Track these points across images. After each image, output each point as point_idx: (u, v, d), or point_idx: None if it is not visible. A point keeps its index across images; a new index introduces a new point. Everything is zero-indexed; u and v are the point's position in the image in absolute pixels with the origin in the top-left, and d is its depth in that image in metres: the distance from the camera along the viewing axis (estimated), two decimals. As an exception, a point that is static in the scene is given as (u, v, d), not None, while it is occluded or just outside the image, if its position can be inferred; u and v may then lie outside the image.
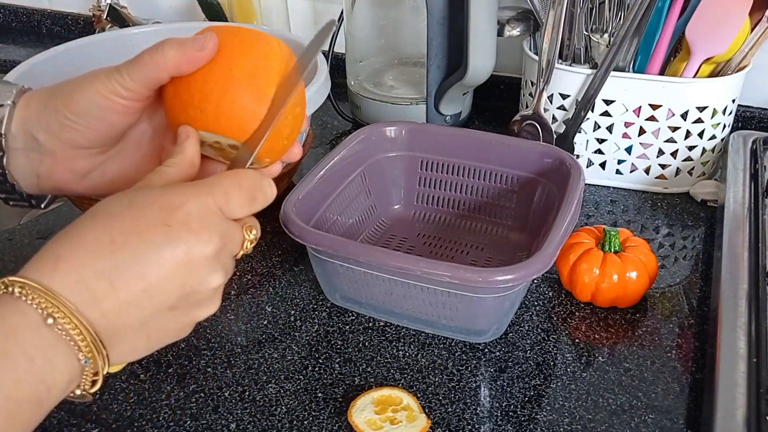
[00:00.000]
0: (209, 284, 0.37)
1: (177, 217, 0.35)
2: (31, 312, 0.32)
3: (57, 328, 0.32)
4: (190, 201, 0.35)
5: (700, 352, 0.60)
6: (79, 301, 0.33)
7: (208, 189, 0.36)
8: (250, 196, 0.38)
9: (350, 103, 0.98)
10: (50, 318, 0.32)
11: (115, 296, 0.33)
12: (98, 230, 0.34)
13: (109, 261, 0.33)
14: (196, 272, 0.36)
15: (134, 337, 0.35)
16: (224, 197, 0.37)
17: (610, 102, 0.78)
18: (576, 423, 0.53)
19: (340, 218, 0.70)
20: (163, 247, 0.34)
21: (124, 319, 0.34)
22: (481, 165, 0.73)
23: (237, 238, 0.38)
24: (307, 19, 1.11)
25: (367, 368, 0.59)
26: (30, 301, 0.32)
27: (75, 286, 0.33)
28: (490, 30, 0.82)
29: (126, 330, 0.35)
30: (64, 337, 0.32)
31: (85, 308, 0.33)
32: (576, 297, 0.65)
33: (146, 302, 0.34)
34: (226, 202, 0.37)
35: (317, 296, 0.67)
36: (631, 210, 0.80)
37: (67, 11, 1.29)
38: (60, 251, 0.33)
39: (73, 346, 0.33)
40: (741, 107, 0.89)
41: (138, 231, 0.34)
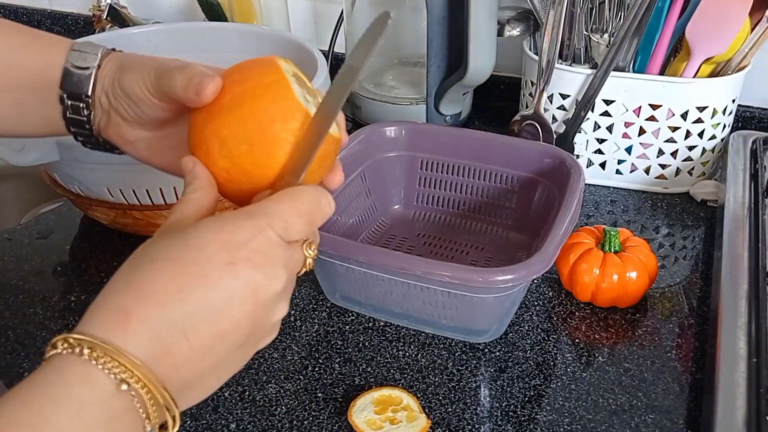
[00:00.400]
0: (276, 317, 0.36)
1: (240, 255, 0.33)
2: (102, 381, 0.29)
3: (131, 394, 0.30)
4: (250, 236, 0.34)
5: (700, 352, 0.60)
6: (152, 360, 0.31)
7: (267, 220, 0.34)
8: (310, 219, 0.36)
9: (350, 103, 0.98)
10: (124, 384, 0.30)
11: (188, 346, 0.32)
12: (163, 279, 0.32)
13: (179, 311, 0.31)
14: (266, 308, 0.34)
15: (206, 382, 0.34)
16: (283, 225, 0.35)
17: (610, 102, 0.78)
18: (576, 423, 0.53)
19: (340, 218, 0.70)
20: (233, 289, 0.33)
21: (197, 368, 0.32)
22: (481, 165, 0.73)
23: (299, 260, 0.37)
24: (307, 19, 1.11)
25: (367, 368, 0.59)
26: (101, 365, 0.29)
27: (149, 345, 0.31)
28: (490, 30, 0.82)
29: (198, 377, 0.33)
30: (135, 404, 0.30)
31: (157, 365, 0.31)
32: (576, 297, 0.65)
33: (218, 347, 0.33)
34: (286, 230, 0.35)
35: (317, 296, 0.67)
36: (631, 210, 0.80)
37: (67, 11, 1.29)
38: (127, 306, 0.31)
39: (142, 413, 0.30)
40: (741, 107, 0.89)
41: (204, 275, 0.32)
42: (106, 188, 0.68)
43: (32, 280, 0.70)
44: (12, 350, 0.61)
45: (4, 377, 0.58)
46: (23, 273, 0.71)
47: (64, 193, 0.72)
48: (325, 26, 1.09)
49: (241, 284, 0.33)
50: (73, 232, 0.78)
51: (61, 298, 0.68)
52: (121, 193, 0.68)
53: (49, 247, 0.75)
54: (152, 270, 0.32)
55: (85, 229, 0.79)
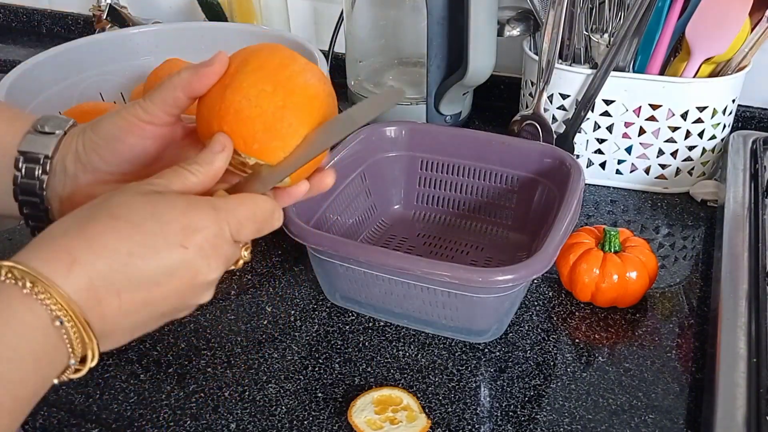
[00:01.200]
0: (200, 300, 0.40)
1: (194, 241, 0.37)
2: (41, 312, 0.33)
3: (62, 332, 0.33)
4: (209, 227, 0.37)
5: (700, 352, 0.60)
6: (84, 304, 0.34)
7: (226, 216, 0.38)
8: (260, 228, 0.40)
9: (350, 103, 0.98)
10: (58, 321, 0.33)
11: (118, 304, 0.35)
12: (117, 238, 0.35)
13: (122, 272, 0.35)
14: (195, 291, 0.38)
15: (121, 336, 0.37)
16: (237, 226, 0.39)
17: (610, 102, 0.78)
18: (576, 423, 0.53)
19: (340, 218, 0.70)
20: (175, 269, 0.36)
21: (119, 323, 0.36)
22: (481, 165, 0.73)
23: (235, 258, 0.41)
24: (307, 19, 1.11)
25: (367, 368, 0.59)
26: (42, 299, 0.33)
27: (85, 292, 0.34)
28: (490, 30, 0.82)
29: (118, 331, 0.36)
30: (64, 338, 0.34)
31: (88, 310, 0.34)
32: (576, 297, 0.65)
33: (143, 312, 0.37)
34: (238, 231, 0.39)
35: (317, 296, 0.67)
36: (631, 210, 0.80)
37: (67, 11, 1.29)
38: (75, 252, 0.34)
39: (69, 348, 0.34)
40: (741, 107, 0.89)
41: (156, 247, 0.35)
42: (106, 188, 0.68)
43: (32, 280, 0.70)
44: (12, 350, 0.61)
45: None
46: (23, 273, 0.71)
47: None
48: (325, 26, 1.09)
49: (184, 266, 0.36)
50: (73, 232, 0.78)
51: (61, 298, 0.68)
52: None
53: (49, 247, 0.75)
54: (109, 226, 0.35)
55: (85, 229, 0.78)
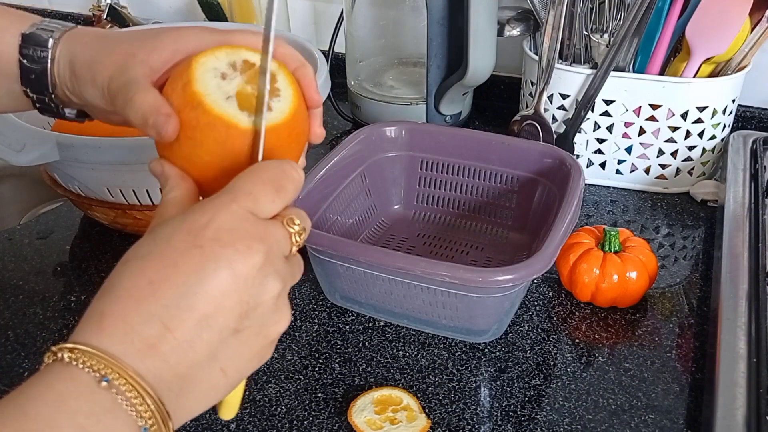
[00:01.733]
0: (267, 294, 0.34)
1: (207, 236, 0.32)
2: (82, 376, 0.29)
3: (113, 391, 0.29)
4: (215, 215, 0.33)
5: (700, 352, 0.60)
6: (133, 353, 0.30)
7: (230, 196, 0.33)
8: (277, 187, 0.35)
9: (350, 103, 0.98)
10: (104, 379, 0.29)
11: (171, 336, 0.31)
12: (133, 276, 0.32)
13: (154, 303, 0.31)
14: (248, 286, 0.33)
15: (208, 376, 0.33)
16: (249, 198, 0.34)
17: (610, 102, 0.78)
18: (576, 423, 0.53)
19: (340, 218, 0.70)
20: (203, 271, 0.31)
21: (189, 358, 0.31)
22: (481, 165, 0.73)
23: (280, 235, 0.35)
24: (307, 19, 1.11)
25: (367, 368, 0.59)
26: (81, 364, 0.29)
27: (125, 339, 0.30)
28: (490, 30, 0.82)
29: (195, 370, 0.32)
30: (120, 401, 0.29)
31: (142, 360, 0.30)
32: (576, 297, 0.65)
33: (206, 333, 0.32)
34: (254, 202, 0.34)
35: (317, 296, 0.67)
36: (631, 210, 0.80)
37: (67, 11, 1.29)
38: (103, 308, 0.31)
39: (131, 411, 0.30)
40: (741, 107, 0.89)
41: (173, 263, 0.31)
42: (106, 188, 0.68)
43: (32, 280, 0.70)
44: (12, 350, 0.61)
45: (4, 377, 0.58)
46: (23, 273, 0.71)
47: (64, 193, 0.72)
48: (325, 26, 1.09)
49: (211, 265, 0.32)
50: (73, 232, 0.78)
51: (60, 298, 0.68)
52: (121, 193, 0.68)
53: (49, 247, 0.75)
54: (123, 271, 0.32)
55: (85, 229, 0.79)
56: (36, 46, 0.43)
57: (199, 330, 0.31)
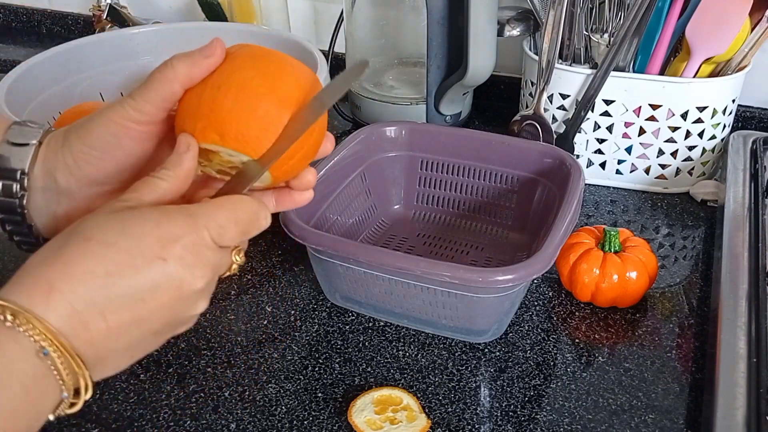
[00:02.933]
0: (195, 311, 0.38)
1: (173, 252, 0.35)
2: (25, 342, 0.32)
3: (48, 361, 0.32)
4: (186, 235, 0.35)
5: (700, 352, 0.60)
6: (70, 332, 0.33)
7: (204, 222, 0.36)
8: (244, 231, 0.38)
9: (350, 103, 0.98)
10: (42, 351, 0.32)
11: (105, 326, 0.34)
12: (92, 260, 0.34)
13: (102, 293, 0.33)
14: (186, 303, 0.36)
15: (118, 359, 0.36)
16: (219, 231, 0.37)
17: (610, 102, 0.78)
18: (576, 423, 0.53)
19: (340, 218, 0.70)
20: (158, 283, 0.35)
21: (111, 346, 0.35)
22: (481, 165, 0.73)
23: (226, 264, 0.39)
24: (307, 19, 1.11)
25: (367, 368, 0.59)
26: (24, 330, 0.32)
27: (68, 319, 0.33)
28: (490, 30, 0.82)
29: (112, 354, 0.35)
30: (51, 369, 0.33)
31: (74, 337, 0.33)
32: (576, 297, 0.65)
33: (135, 331, 0.35)
34: (220, 236, 0.37)
35: (317, 296, 0.67)
36: (631, 210, 0.80)
37: (67, 11, 1.29)
38: (52, 280, 0.33)
39: (58, 378, 0.33)
40: (741, 107, 0.89)
41: (134, 264, 0.34)
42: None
43: (32, 280, 0.70)
44: (12, 350, 0.61)
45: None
46: (23, 273, 0.71)
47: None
48: (325, 26, 1.09)
49: (166, 279, 0.35)
50: (73, 232, 0.78)
51: (61, 298, 0.68)
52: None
53: (49, 247, 0.75)
54: (83, 249, 0.34)
55: (85, 229, 0.78)
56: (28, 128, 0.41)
57: (129, 328, 0.35)
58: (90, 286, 0.33)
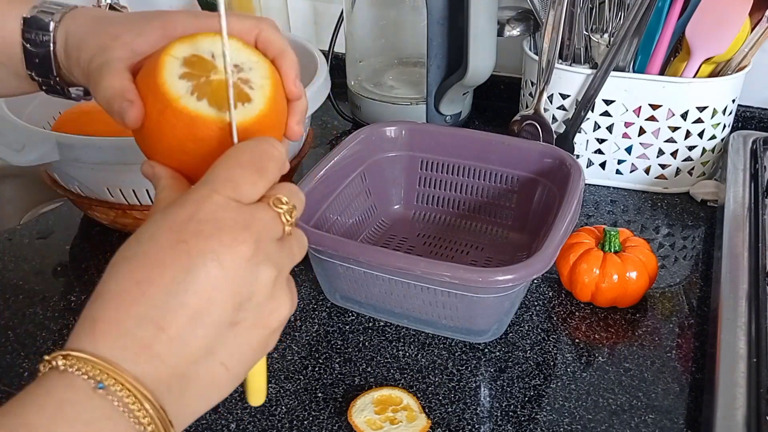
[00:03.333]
0: (260, 283, 0.32)
1: (190, 230, 0.31)
2: (78, 383, 0.29)
3: (109, 397, 0.29)
4: (197, 208, 0.32)
5: (700, 352, 0.60)
6: (128, 357, 0.29)
7: (209, 186, 0.32)
8: (257, 168, 0.34)
9: (350, 103, 0.98)
10: (99, 385, 0.29)
11: (165, 336, 0.30)
12: (121, 279, 0.31)
13: (144, 304, 0.30)
14: (238, 277, 0.31)
15: (208, 372, 0.32)
16: (229, 185, 0.32)
17: (610, 102, 0.78)
18: (576, 423, 0.53)
19: (340, 218, 0.70)
20: (190, 267, 0.31)
21: (186, 356, 0.31)
22: (481, 165, 0.73)
23: (268, 218, 0.33)
24: (307, 19, 1.11)
25: (367, 368, 0.59)
26: (75, 371, 0.29)
27: (119, 343, 0.30)
28: (490, 30, 0.82)
29: (193, 367, 0.31)
30: (117, 406, 0.29)
31: (137, 363, 0.30)
32: (576, 297, 0.65)
33: (201, 329, 0.31)
34: (235, 189, 0.33)
35: (317, 296, 0.67)
36: (631, 210, 0.80)
37: (67, 11, 1.29)
38: (94, 314, 0.30)
39: (129, 417, 0.29)
40: (741, 107, 0.89)
41: (159, 262, 0.31)
42: (106, 188, 0.68)
43: (32, 280, 0.70)
44: (12, 350, 0.61)
45: (4, 377, 0.58)
46: (23, 273, 0.71)
47: (64, 193, 0.72)
48: (325, 26, 1.09)
49: (198, 259, 0.31)
50: (73, 232, 0.78)
51: (61, 298, 0.68)
52: (121, 193, 0.68)
53: (49, 247, 0.75)
54: (111, 274, 0.32)
55: (85, 229, 0.79)
56: (38, 30, 0.42)
57: (193, 326, 0.31)
58: (130, 303, 0.30)
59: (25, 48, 0.43)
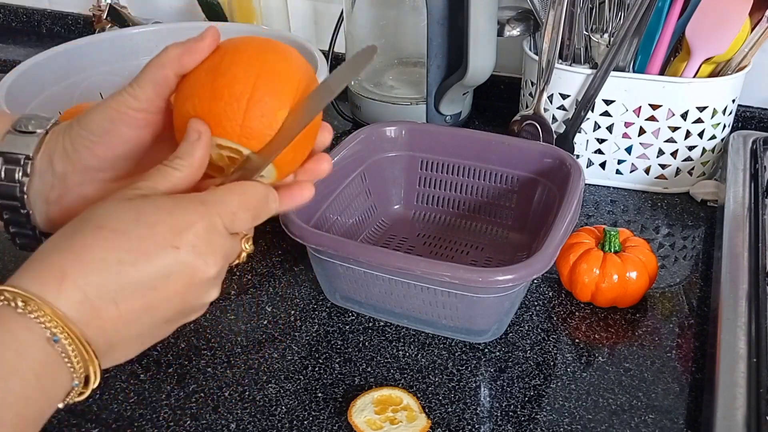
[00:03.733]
0: (206, 299, 0.38)
1: (186, 239, 0.35)
2: (37, 329, 0.32)
3: (59, 348, 0.32)
4: (198, 222, 0.35)
5: (700, 352, 0.60)
6: (81, 319, 0.33)
7: (217, 209, 0.36)
8: (255, 215, 0.38)
9: (350, 103, 0.98)
10: (54, 337, 0.32)
11: (117, 314, 0.34)
12: (105, 248, 0.34)
13: (115, 281, 0.34)
14: (198, 291, 0.37)
15: (129, 347, 0.36)
16: (230, 217, 0.37)
17: (610, 102, 0.78)
18: (576, 423, 0.53)
19: (340, 218, 0.70)
20: (170, 271, 0.35)
21: (123, 333, 0.35)
22: (481, 165, 0.73)
23: (236, 251, 0.39)
24: (307, 19, 1.11)
25: (367, 368, 0.59)
26: (35, 317, 0.32)
27: (80, 307, 0.33)
28: (490, 30, 0.82)
29: (123, 342, 0.35)
30: (63, 358, 0.33)
31: (85, 325, 0.33)
32: (576, 297, 0.65)
33: (146, 318, 0.35)
34: (232, 222, 0.37)
35: (317, 296, 0.67)
36: (631, 210, 0.80)
37: (67, 11, 1.29)
38: (65, 267, 0.33)
39: (68, 365, 0.33)
40: (741, 107, 0.89)
41: (147, 252, 0.34)
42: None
43: (32, 280, 0.70)
44: (12, 350, 0.61)
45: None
46: (23, 273, 0.71)
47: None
48: (325, 26, 1.09)
49: (179, 267, 0.35)
50: (73, 232, 0.78)
51: (61, 298, 0.68)
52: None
53: (49, 247, 0.75)
54: (96, 237, 0.34)
55: (85, 229, 0.78)
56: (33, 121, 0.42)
57: (141, 315, 0.35)
58: (102, 274, 0.33)
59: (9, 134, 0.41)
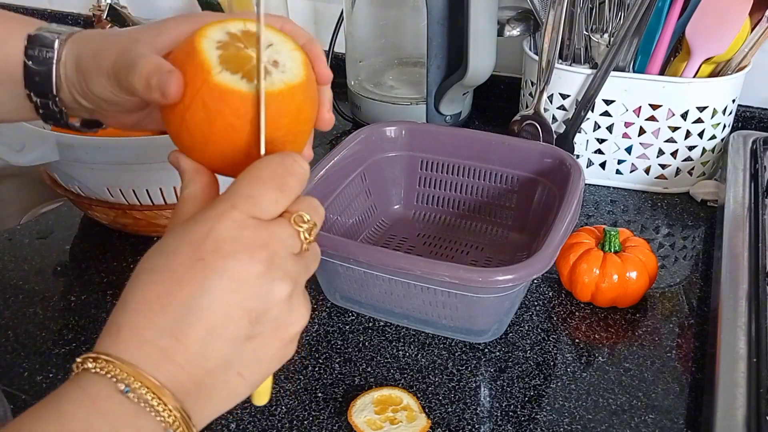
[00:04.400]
0: (275, 299, 0.33)
1: (207, 248, 0.32)
2: (108, 384, 0.31)
3: (134, 398, 0.31)
4: (215, 225, 0.33)
5: (700, 352, 0.60)
6: (149, 363, 0.31)
7: (229, 202, 0.33)
8: (279, 185, 0.34)
9: (350, 103, 0.98)
10: (125, 386, 0.31)
11: (184, 348, 0.32)
12: (144, 290, 0.33)
13: (163, 316, 0.32)
14: (254, 293, 0.33)
15: (225, 381, 0.33)
16: (249, 201, 0.33)
17: (610, 102, 0.78)
18: (576, 423, 0.53)
19: (340, 218, 0.70)
20: (206, 285, 0.32)
21: (204, 367, 0.32)
22: (481, 165, 0.73)
23: (285, 236, 0.34)
24: (307, 19, 1.11)
25: (367, 368, 0.59)
26: (104, 373, 0.31)
27: (142, 350, 0.31)
28: (490, 30, 0.82)
29: (211, 377, 0.33)
30: (143, 406, 0.31)
31: (159, 369, 0.31)
32: (576, 297, 0.65)
33: (218, 343, 0.32)
34: (255, 205, 0.33)
35: (317, 296, 0.67)
36: (631, 210, 0.80)
37: (67, 11, 1.29)
38: (119, 321, 0.32)
39: (154, 415, 0.31)
40: (741, 107, 0.89)
41: (177, 278, 0.32)
42: (106, 188, 0.68)
43: (32, 280, 0.70)
44: (12, 350, 0.61)
45: (4, 377, 0.58)
46: (23, 273, 0.71)
47: (64, 193, 0.72)
48: (325, 26, 1.09)
49: (214, 277, 0.32)
50: (73, 232, 0.78)
51: (61, 298, 0.68)
52: (121, 193, 0.68)
53: (49, 247, 0.75)
54: (137, 285, 0.33)
55: (85, 229, 0.79)
56: (42, 47, 0.42)
57: (209, 341, 0.32)
58: (151, 314, 0.32)
59: (27, 66, 0.42)
